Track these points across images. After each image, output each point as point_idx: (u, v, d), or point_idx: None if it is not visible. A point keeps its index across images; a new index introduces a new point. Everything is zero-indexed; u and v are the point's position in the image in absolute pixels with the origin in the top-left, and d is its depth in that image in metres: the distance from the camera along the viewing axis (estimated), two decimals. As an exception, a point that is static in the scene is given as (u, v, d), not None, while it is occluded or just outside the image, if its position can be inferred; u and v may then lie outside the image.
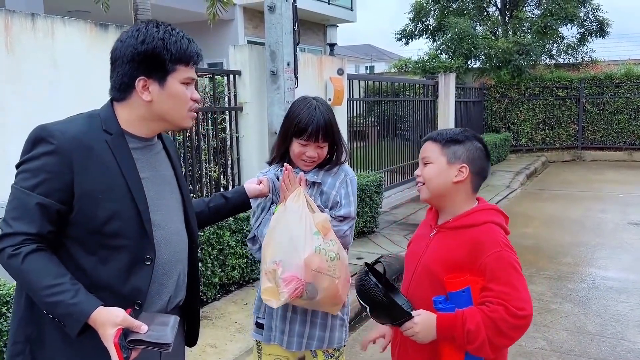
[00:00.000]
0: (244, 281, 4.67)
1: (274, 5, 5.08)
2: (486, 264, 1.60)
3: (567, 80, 14.27)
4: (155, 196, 1.58)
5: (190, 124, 1.63)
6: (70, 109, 3.70)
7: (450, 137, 1.75)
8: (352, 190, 2.18)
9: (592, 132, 14.16)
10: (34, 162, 1.42)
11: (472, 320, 1.55)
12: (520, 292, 1.58)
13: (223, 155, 5.29)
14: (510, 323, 1.54)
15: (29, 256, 1.39)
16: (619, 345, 3.77)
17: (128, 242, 1.48)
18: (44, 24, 3.42)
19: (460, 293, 1.60)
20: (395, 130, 9.67)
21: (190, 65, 1.55)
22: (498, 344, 1.57)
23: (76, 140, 1.44)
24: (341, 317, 2.18)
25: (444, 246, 1.72)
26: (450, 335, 1.59)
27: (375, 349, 2.01)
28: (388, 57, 39.36)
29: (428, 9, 16.46)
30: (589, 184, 10.49)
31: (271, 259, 1.93)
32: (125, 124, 1.55)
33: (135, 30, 1.52)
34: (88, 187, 1.43)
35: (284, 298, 1.88)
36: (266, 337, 2.17)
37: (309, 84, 6.17)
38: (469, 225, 1.70)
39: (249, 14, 13.33)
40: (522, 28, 15.06)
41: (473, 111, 13.70)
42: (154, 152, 1.63)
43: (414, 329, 1.61)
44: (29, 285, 1.41)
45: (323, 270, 1.91)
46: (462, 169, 1.72)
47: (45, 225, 1.41)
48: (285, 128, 2.17)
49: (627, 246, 6.23)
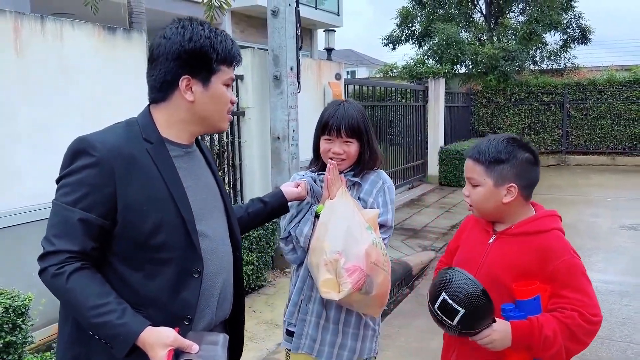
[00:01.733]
0: (249, 288, 4.61)
1: (277, 9, 5.04)
2: (557, 270, 1.59)
3: (551, 85, 14.50)
4: (200, 205, 1.53)
5: (227, 126, 1.60)
6: (78, 112, 3.66)
7: (494, 157, 1.67)
8: (389, 198, 2.14)
9: (576, 136, 14.39)
10: (74, 176, 1.37)
11: (548, 327, 1.54)
12: (592, 298, 1.59)
13: (225, 161, 5.22)
14: (585, 329, 1.55)
15: (73, 275, 1.34)
16: (628, 349, 3.81)
17: (175, 254, 1.43)
18: (53, 27, 3.33)
19: (531, 301, 1.58)
20: (387, 135, 9.71)
21: (232, 66, 1.53)
22: (572, 349, 1.58)
23: (117, 151, 1.39)
24: (373, 327, 2.13)
25: (508, 253, 1.68)
26: (526, 343, 1.57)
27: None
28: (369, 63, 39.58)
29: (414, 14, 16.60)
30: (576, 188, 10.65)
31: (331, 249, 1.85)
32: (164, 129, 1.50)
33: (180, 27, 1.46)
34: (132, 199, 1.39)
35: (347, 288, 1.80)
36: (295, 345, 2.11)
37: (308, 88, 6.15)
38: (535, 232, 1.67)
39: (236, 18, 13.25)
40: (507, 34, 15.26)
41: (460, 116, 13.84)
42: (194, 160, 1.59)
43: (492, 337, 1.56)
44: (74, 305, 1.35)
45: (379, 263, 1.87)
46: (511, 189, 1.67)
47: (88, 242, 1.36)
48: (316, 129, 2.15)
49: (622, 249, 6.32)
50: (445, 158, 11.01)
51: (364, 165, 2.13)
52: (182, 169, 1.50)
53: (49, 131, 3.34)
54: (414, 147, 10.73)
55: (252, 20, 13.43)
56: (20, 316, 2.64)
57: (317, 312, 2.06)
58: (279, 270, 5.17)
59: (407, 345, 3.92)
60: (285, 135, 5.20)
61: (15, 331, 2.62)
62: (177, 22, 1.48)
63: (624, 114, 13.75)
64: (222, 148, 5.17)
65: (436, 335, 3.96)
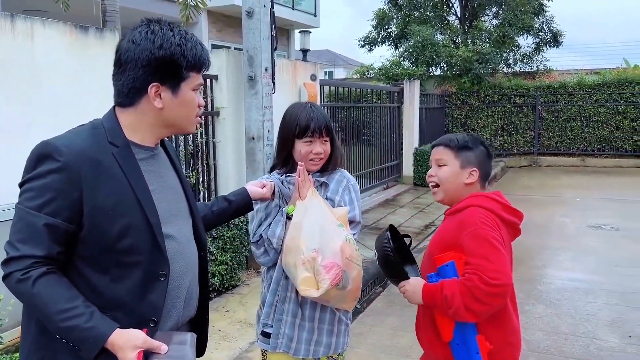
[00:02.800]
0: (223, 288, 4.62)
1: (252, 10, 5.06)
2: (464, 240, 1.81)
3: (524, 88, 14.79)
4: (165, 207, 1.53)
5: (194, 129, 1.61)
6: (50, 111, 3.62)
7: (462, 144, 1.98)
8: (355, 195, 2.23)
9: (547, 138, 14.70)
10: (39, 181, 1.35)
11: (449, 288, 1.78)
12: (493, 263, 1.73)
13: (199, 161, 5.22)
14: (484, 290, 1.71)
15: (39, 280, 1.33)
16: (591, 344, 3.93)
17: (141, 257, 1.44)
18: (23, 26, 3.31)
19: (444, 267, 1.83)
20: (362, 136, 9.79)
21: (201, 71, 1.52)
22: (475, 309, 1.74)
23: (83, 155, 1.38)
24: (346, 321, 2.21)
25: (441, 231, 2.01)
26: (432, 301, 1.84)
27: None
28: (347, 63, 39.72)
29: (390, 16, 16.74)
30: (547, 189, 10.89)
31: (308, 247, 1.92)
32: (129, 131, 1.49)
33: (149, 32, 1.43)
34: (98, 204, 1.38)
35: (326, 285, 1.88)
36: (273, 345, 2.16)
37: (284, 89, 6.17)
38: (459, 209, 1.93)
39: (213, 17, 13.20)
40: (481, 37, 15.51)
41: (435, 117, 14.02)
42: (159, 161, 1.59)
43: (405, 288, 1.92)
44: (41, 310, 1.34)
45: (353, 258, 1.97)
46: (473, 172, 1.95)
47: (54, 246, 1.35)
48: (284, 134, 2.19)
49: (590, 249, 6.50)
50: (420, 159, 11.14)
51: (335, 163, 2.21)
52: (147, 172, 1.51)
53: (19, 131, 3.31)
54: (389, 147, 10.83)
55: (229, 20, 13.39)
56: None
57: (293, 311, 2.12)
58: (253, 270, 5.19)
59: (379, 342, 3.98)
60: (260, 136, 5.22)
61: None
62: (145, 25, 1.45)
63: (593, 117, 14.10)
64: (196, 148, 5.17)
65: (407, 333, 4.07)
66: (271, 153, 5.32)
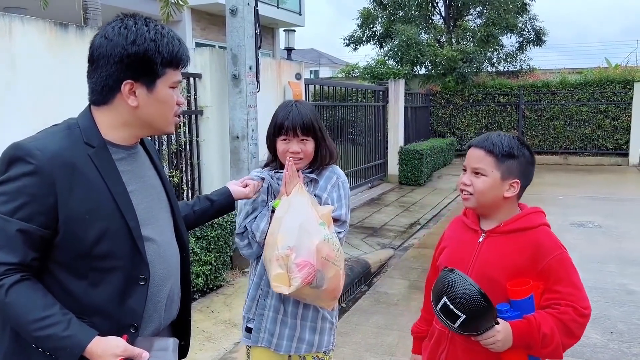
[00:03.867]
0: (207, 289, 4.58)
1: (235, 8, 5.03)
2: (550, 267, 1.62)
3: (507, 87, 14.92)
4: (145, 209, 1.48)
5: (173, 129, 1.54)
6: (27, 110, 3.56)
7: (507, 151, 1.69)
8: (343, 193, 2.19)
9: (530, 137, 14.83)
10: (11, 184, 1.29)
11: (546, 324, 1.57)
12: (582, 291, 1.63)
13: (183, 160, 5.17)
14: (578, 323, 1.58)
15: (12, 288, 1.27)
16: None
17: (120, 262, 1.38)
18: (1, 22, 3.24)
19: (526, 300, 1.60)
20: (348, 135, 9.80)
21: (179, 68, 1.46)
22: (567, 344, 1.60)
23: (57, 158, 1.31)
24: (330, 320, 2.20)
25: (499, 252, 1.69)
26: (526, 342, 1.59)
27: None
28: (332, 62, 39.74)
29: (375, 15, 16.77)
30: (530, 187, 10.74)
31: (283, 244, 1.91)
32: (106, 131, 1.43)
33: (123, 27, 1.37)
34: (74, 209, 1.32)
35: (297, 283, 1.87)
36: (254, 339, 2.15)
37: (268, 88, 6.15)
38: (524, 228, 1.69)
39: (196, 15, 13.11)
40: (465, 36, 15.61)
41: (420, 116, 14.08)
42: (138, 161, 1.53)
43: (496, 337, 1.57)
44: (16, 319, 1.29)
45: (331, 258, 1.94)
46: (514, 184, 1.70)
47: (28, 252, 1.29)
48: (269, 132, 2.20)
49: (572, 246, 6.55)
50: (404, 157, 11.19)
51: (322, 161, 2.19)
52: (125, 173, 1.45)
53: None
54: (374, 146, 10.86)
55: (213, 18, 13.31)
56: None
57: (275, 306, 2.11)
58: (237, 270, 5.15)
59: (364, 341, 3.98)
60: (245, 135, 5.19)
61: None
62: (119, 20, 1.40)
63: (575, 115, 14.26)
64: (180, 147, 5.12)
65: (392, 331, 4.07)
66: (256, 152, 5.30)
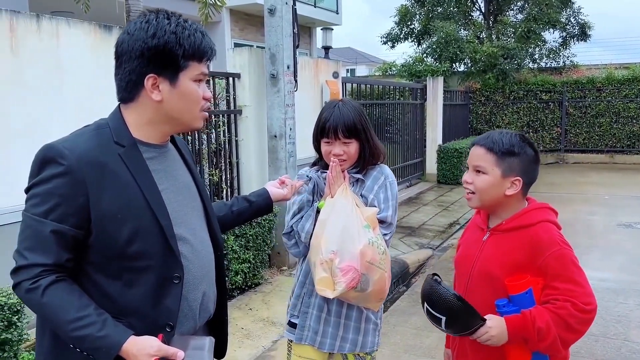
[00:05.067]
0: (246, 286, 4.62)
1: (274, 8, 5.05)
2: (547, 263, 1.62)
3: (550, 84, 14.49)
4: (177, 208, 1.48)
5: (201, 124, 1.51)
6: (74, 112, 3.66)
7: (507, 148, 1.70)
8: (391, 194, 2.15)
9: (574, 135, 14.39)
10: (43, 186, 1.31)
11: (541, 318, 1.57)
12: (584, 287, 1.61)
13: (222, 159, 5.23)
14: (578, 318, 1.58)
15: (48, 289, 1.29)
16: (623, 346, 3.82)
17: (153, 261, 1.38)
18: (49, 25, 3.34)
19: (523, 295, 1.61)
20: (385, 133, 9.72)
21: (203, 61, 1.42)
22: (568, 339, 1.60)
23: (87, 158, 1.33)
24: (374, 320, 2.18)
25: (500, 249, 1.72)
26: (521, 336, 1.60)
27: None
28: (369, 61, 39.58)
29: (413, 12, 16.59)
30: (574, 186, 10.66)
31: (327, 248, 1.91)
32: (135, 130, 1.43)
33: (144, 22, 1.37)
34: (105, 209, 1.33)
35: (341, 288, 1.86)
36: (298, 336, 2.17)
37: (306, 87, 6.16)
38: (524, 225, 1.70)
39: (235, 16, 13.26)
40: (506, 32, 15.26)
41: (459, 114, 13.86)
42: (170, 159, 1.52)
43: (489, 333, 1.61)
44: (52, 320, 1.32)
45: (375, 262, 1.92)
46: (516, 182, 1.70)
47: (63, 253, 1.31)
48: (314, 132, 2.19)
49: (619, 247, 6.34)
50: (443, 156, 11.03)
51: (367, 161, 2.15)
52: (156, 171, 1.45)
53: (43, 130, 3.34)
54: (412, 145, 10.73)
55: (251, 18, 13.43)
56: (16, 314, 2.65)
57: (319, 305, 2.12)
58: (276, 268, 5.18)
59: (403, 342, 3.93)
60: (282, 134, 5.21)
61: (11, 329, 2.63)
62: (142, 15, 1.39)
63: (622, 112, 13.74)
64: (219, 146, 5.19)
65: (431, 333, 4.01)
66: (293, 151, 5.31)
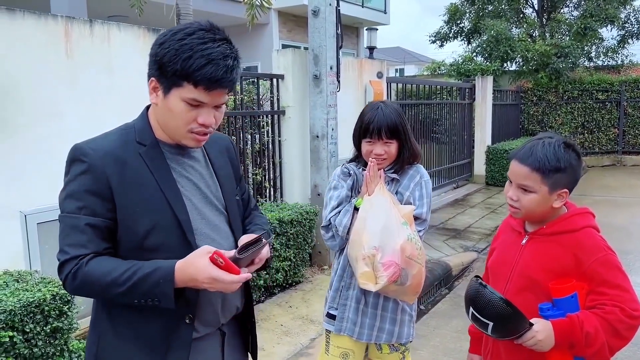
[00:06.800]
0: (287, 284, 4.69)
1: (317, 9, 5.09)
2: (593, 268, 1.60)
3: (607, 83, 13.92)
4: (197, 203, 1.53)
5: (191, 144, 1.50)
6: (124, 115, 3.80)
7: (554, 166, 1.63)
8: (426, 192, 2.25)
9: (633, 136, 13.78)
10: (73, 184, 1.41)
11: (589, 323, 1.55)
12: (631, 293, 1.60)
13: (266, 159, 5.33)
14: (627, 324, 1.56)
15: (90, 262, 1.37)
16: (675, 358, 3.65)
17: (172, 254, 1.42)
18: (101, 30, 3.50)
19: (568, 299, 1.59)
20: (431, 134, 9.60)
21: (199, 88, 1.38)
22: (615, 345, 1.57)
23: (108, 156, 1.42)
24: (410, 312, 2.29)
25: (542, 253, 1.69)
26: (568, 341, 1.57)
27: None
28: (418, 60, 39.17)
29: (463, 11, 16.32)
30: (631, 189, 10.20)
31: (369, 244, 2.01)
32: (157, 130, 1.51)
33: (175, 31, 1.41)
34: (126, 201, 1.41)
35: (383, 282, 1.97)
36: (337, 328, 2.28)
37: (349, 87, 6.17)
38: (567, 230, 1.68)
39: (283, 17, 13.42)
40: (560, 30, 14.76)
41: (509, 114, 13.50)
42: (192, 159, 1.57)
43: (536, 338, 1.57)
44: (101, 286, 1.36)
45: (414, 257, 2.02)
46: (563, 194, 1.67)
47: (101, 243, 1.40)
48: (355, 132, 2.29)
49: (678, 255, 6.03)
50: (492, 157, 10.79)
51: (404, 162, 2.26)
52: (177, 170, 1.51)
53: (95, 129, 3.49)
54: (459, 146, 10.56)
55: (298, 19, 13.55)
56: (67, 304, 2.79)
57: (357, 297, 2.24)
58: (316, 267, 5.23)
59: (442, 345, 3.89)
60: (325, 134, 5.25)
61: (62, 318, 2.77)
62: (186, 24, 1.43)
63: (685, 113, 13.05)
64: (262, 146, 5.28)
65: (471, 337, 3.93)
66: (335, 151, 5.34)
